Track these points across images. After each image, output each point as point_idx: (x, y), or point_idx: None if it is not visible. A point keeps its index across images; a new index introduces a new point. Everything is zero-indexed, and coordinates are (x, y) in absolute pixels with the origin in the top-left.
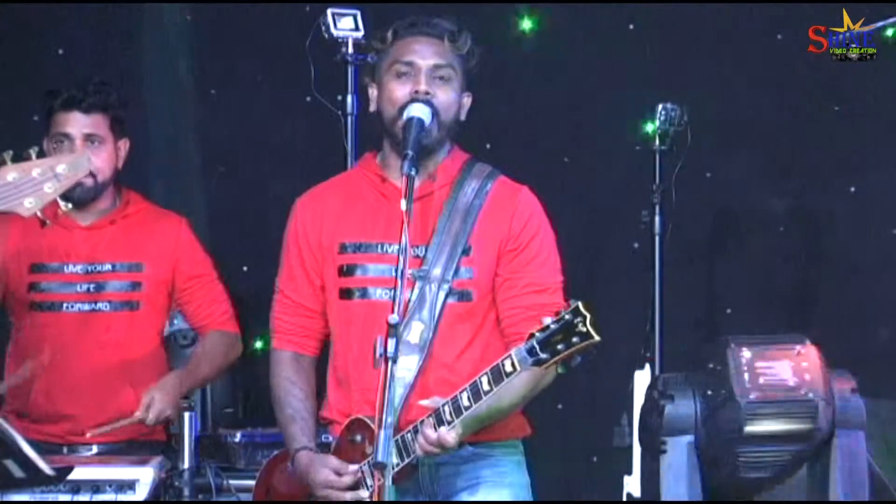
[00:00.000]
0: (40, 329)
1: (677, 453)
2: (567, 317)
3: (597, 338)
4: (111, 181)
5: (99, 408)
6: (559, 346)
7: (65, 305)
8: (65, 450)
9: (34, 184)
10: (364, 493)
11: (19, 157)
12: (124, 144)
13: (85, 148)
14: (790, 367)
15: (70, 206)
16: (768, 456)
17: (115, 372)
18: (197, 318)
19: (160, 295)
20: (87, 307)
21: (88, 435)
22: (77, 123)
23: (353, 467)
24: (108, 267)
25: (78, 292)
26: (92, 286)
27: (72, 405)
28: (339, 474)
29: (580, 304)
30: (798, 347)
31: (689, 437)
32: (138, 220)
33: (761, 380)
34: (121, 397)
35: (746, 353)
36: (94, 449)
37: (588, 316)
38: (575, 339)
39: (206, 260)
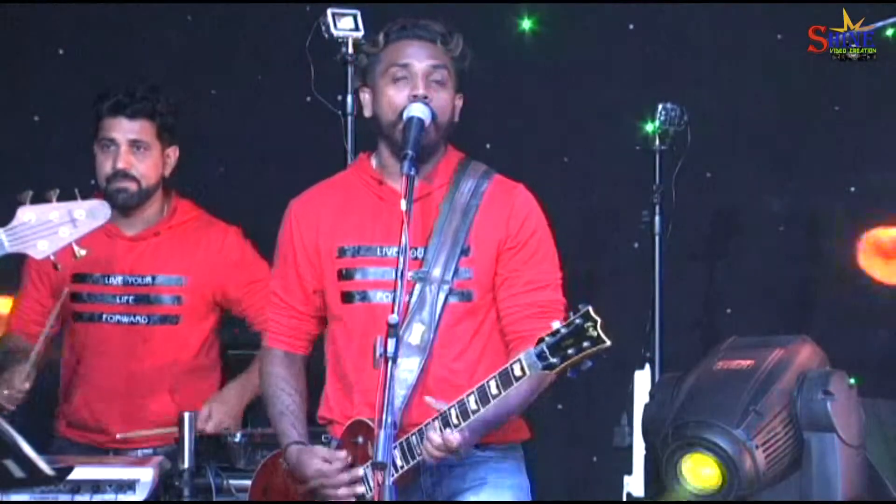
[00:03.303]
0: (82, 339)
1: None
2: (577, 321)
3: (608, 342)
4: (157, 188)
5: (135, 418)
6: (569, 351)
7: (104, 317)
8: (111, 454)
9: (50, 227)
10: (365, 493)
11: (39, 198)
12: (174, 152)
13: (129, 153)
14: None
15: (84, 252)
16: None
17: (153, 383)
18: (258, 322)
19: (202, 306)
20: (125, 319)
21: (119, 437)
22: (122, 129)
23: (342, 453)
24: (148, 280)
25: (118, 304)
26: (131, 298)
27: (110, 414)
28: (328, 462)
29: (590, 309)
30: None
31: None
32: (184, 231)
33: None
34: (159, 407)
35: None
36: (139, 453)
37: (598, 320)
38: (586, 344)
39: (260, 264)
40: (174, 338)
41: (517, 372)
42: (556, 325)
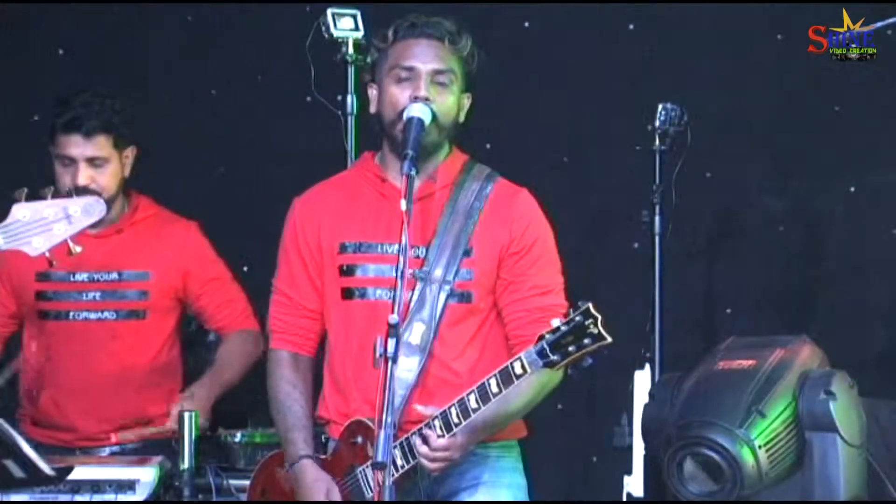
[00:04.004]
0: (48, 337)
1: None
2: (578, 318)
3: (609, 339)
4: (118, 193)
5: (105, 414)
6: (570, 348)
7: (71, 314)
8: (77, 452)
9: (45, 224)
10: (365, 493)
11: (34, 195)
12: (132, 152)
13: (88, 169)
14: None
15: (79, 249)
16: None
17: (122, 378)
18: (215, 320)
19: (167, 301)
20: (93, 316)
21: (114, 438)
22: (79, 147)
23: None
24: (114, 276)
25: (84, 301)
26: (98, 295)
27: (79, 412)
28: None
29: (590, 306)
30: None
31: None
32: (146, 227)
33: None
34: (127, 403)
35: None
36: (107, 451)
37: (599, 317)
38: (586, 341)
39: (218, 262)
40: (141, 333)
41: (518, 370)
42: (556, 322)
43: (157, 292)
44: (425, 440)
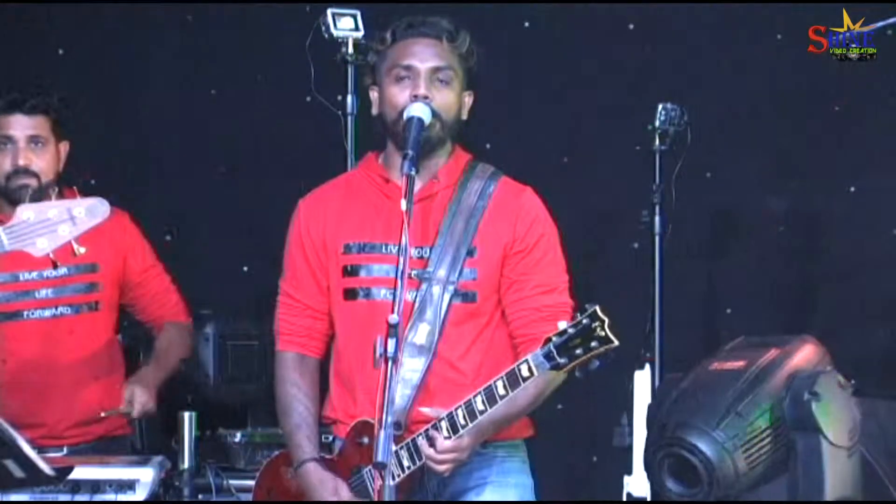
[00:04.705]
0: (2, 339)
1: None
2: (585, 321)
3: (616, 342)
4: (54, 183)
5: (70, 408)
6: (577, 351)
7: (25, 314)
8: (43, 450)
9: (49, 225)
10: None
11: (39, 197)
12: (65, 147)
13: (28, 150)
14: None
15: (84, 250)
16: None
17: (82, 371)
18: (150, 310)
19: (115, 291)
20: (47, 313)
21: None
22: (20, 125)
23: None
24: (63, 271)
25: (37, 299)
26: (50, 292)
27: (44, 409)
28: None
29: (598, 308)
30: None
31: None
32: None
33: None
34: (89, 393)
35: None
36: (65, 450)
37: (606, 320)
38: (594, 344)
39: (152, 252)
40: (95, 325)
41: (524, 372)
42: (563, 325)
43: (105, 283)
44: (431, 442)
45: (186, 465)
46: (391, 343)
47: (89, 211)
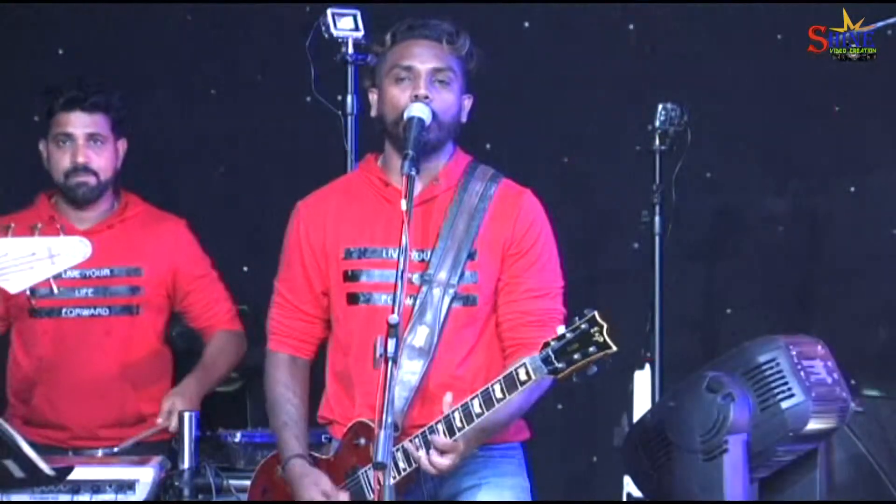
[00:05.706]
0: (41, 335)
1: (738, 452)
2: (583, 326)
3: (614, 348)
4: (112, 181)
5: (101, 412)
6: (575, 356)
7: (64, 311)
8: (70, 453)
9: (27, 262)
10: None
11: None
12: (123, 145)
13: (87, 147)
14: (823, 365)
15: (58, 291)
16: (789, 455)
17: (117, 375)
18: (202, 318)
19: (160, 298)
20: (86, 312)
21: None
22: (80, 123)
23: (344, 495)
24: (106, 272)
25: (77, 297)
26: (90, 291)
27: (74, 410)
28: (327, 496)
29: (596, 314)
30: (819, 347)
31: (745, 436)
32: (136, 224)
33: (812, 378)
34: (123, 400)
35: (793, 352)
36: (100, 452)
37: (605, 325)
38: (592, 349)
39: (206, 260)
40: (135, 329)
41: (522, 376)
42: (561, 329)
43: (149, 288)
44: (427, 445)
45: (186, 465)
46: (391, 343)
47: (70, 251)
